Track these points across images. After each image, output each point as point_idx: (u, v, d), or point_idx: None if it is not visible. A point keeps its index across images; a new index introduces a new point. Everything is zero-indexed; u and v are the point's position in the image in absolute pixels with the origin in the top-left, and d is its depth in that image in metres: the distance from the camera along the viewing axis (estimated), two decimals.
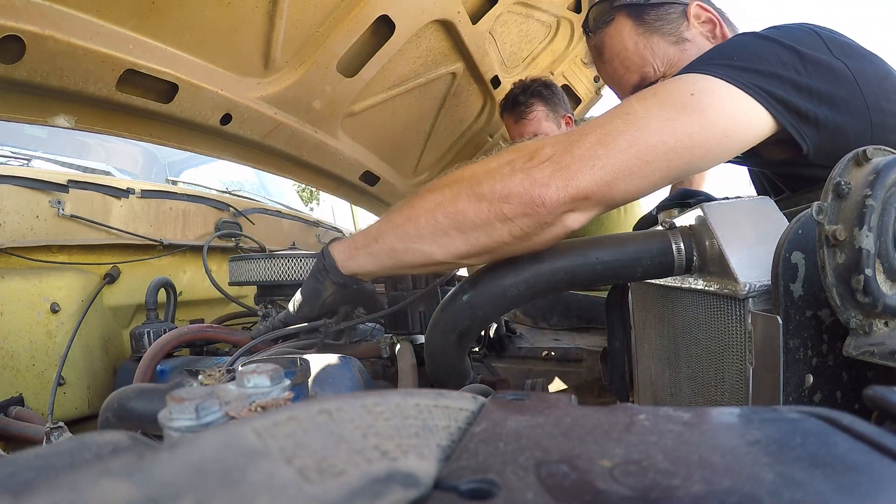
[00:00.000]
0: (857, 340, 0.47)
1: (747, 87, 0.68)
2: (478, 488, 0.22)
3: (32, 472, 0.25)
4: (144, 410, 0.65)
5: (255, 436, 0.23)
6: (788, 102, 0.70)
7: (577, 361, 1.42)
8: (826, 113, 0.72)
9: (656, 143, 0.63)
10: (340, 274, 0.81)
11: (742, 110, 0.68)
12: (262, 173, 2.51)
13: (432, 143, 2.11)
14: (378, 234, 0.76)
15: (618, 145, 0.63)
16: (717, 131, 0.66)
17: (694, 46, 0.99)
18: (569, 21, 1.98)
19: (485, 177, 0.66)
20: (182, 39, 1.18)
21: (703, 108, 0.65)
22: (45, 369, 1.15)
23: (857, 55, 0.76)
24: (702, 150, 0.65)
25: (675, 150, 0.63)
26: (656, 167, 0.64)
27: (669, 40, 0.99)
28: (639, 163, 0.63)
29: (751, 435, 0.26)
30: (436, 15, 1.51)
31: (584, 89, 2.41)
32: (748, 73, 0.69)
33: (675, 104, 0.66)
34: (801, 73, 0.71)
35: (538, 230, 0.65)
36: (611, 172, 0.62)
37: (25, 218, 1.24)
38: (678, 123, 0.64)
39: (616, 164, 0.62)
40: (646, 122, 0.64)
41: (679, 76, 0.71)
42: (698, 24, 1.00)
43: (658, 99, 0.67)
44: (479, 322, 0.77)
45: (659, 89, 0.69)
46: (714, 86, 0.67)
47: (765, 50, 0.73)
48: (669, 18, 0.99)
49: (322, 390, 0.72)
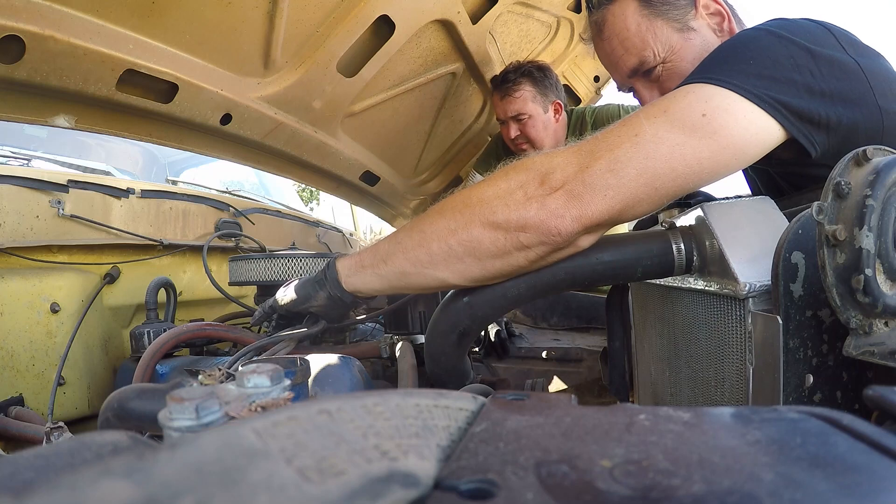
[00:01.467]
0: (857, 340, 0.47)
1: (762, 99, 0.66)
2: (478, 488, 0.22)
3: (32, 472, 0.25)
4: (144, 410, 0.65)
5: (255, 436, 0.23)
6: (801, 111, 0.68)
7: (577, 361, 1.42)
8: (839, 111, 0.70)
9: (666, 171, 0.64)
10: (340, 288, 0.82)
11: (754, 126, 0.67)
12: (262, 173, 2.51)
13: (432, 143, 2.11)
14: (387, 255, 0.77)
15: (628, 174, 0.64)
16: (727, 154, 0.66)
17: (699, 37, 0.95)
18: (569, 21, 1.98)
19: (498, 204, 0.68)
20: (182, 39, 1.18)
21: (714, 130, 0.65)
22: (45, 369, 1.15)
23: (867, 53, 0.75)
24: (710, 173, 0.66)
25: (683, 176, 0.65)
26: (664, 192, 0.66)
27: (674, 27, 0.95)
28: (648, 190, 0.65)
29: (751, 435, 0.26)
30: (436, 15, 1.51)
31: (585, 89, 2.41)
32: (763, 80, 0.67)
33: (684, 126, 0.65)
34: (815, 76, 0.69)
35: (553, 254, 0.69)
36: (622, 202, 0.65)
37: (25, 218, 1.24)
38: (688, 149, 0.64)
39: (627, 193, 0.65)
40: (655, 147, 0.64)
41: (691, 87, 0.68)
42: (707, 15, 0.97)
43: (668, 118, 0.66)
44: (479, 322, 0.77)
45: (669, 105, 0.67)
46: (728, 103, 0.66)
47: (779, 51, 0.70)
48: (678, 4, 0.95)
49: (322, 390, 0.72)
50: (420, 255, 0.72)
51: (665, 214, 0.79)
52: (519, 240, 0.67)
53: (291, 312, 0.91)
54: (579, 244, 0.69)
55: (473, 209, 0.69)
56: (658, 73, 0.97)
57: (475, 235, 0.68)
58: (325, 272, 0.85)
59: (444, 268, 0.71)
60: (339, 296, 0.83)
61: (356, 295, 0.83)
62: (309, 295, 0.87)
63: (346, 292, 0.82)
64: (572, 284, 0.73)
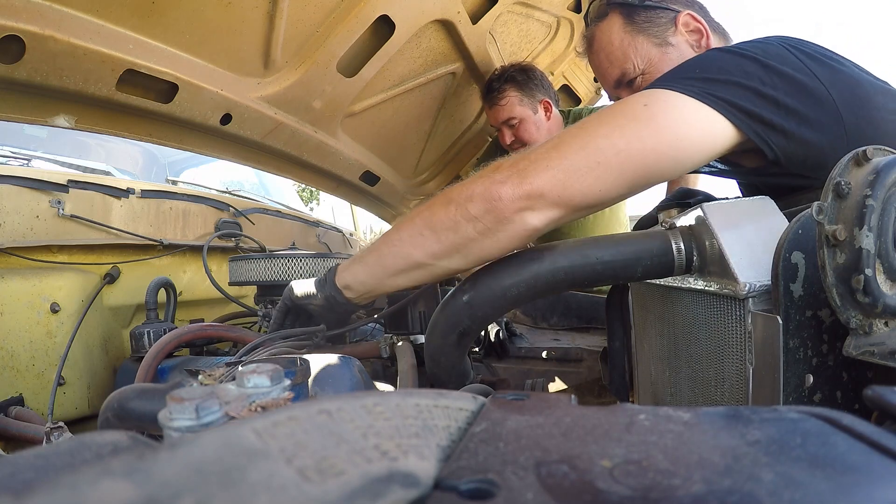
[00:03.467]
0: (857, 340, 0.47)
1: (703, 96, 0.70)
2: (478, 488, 0.22)
3: (32, 472, 0.25)
4: (144, 410, 0.65)
5: (255, 436, 0.23)
6: (750, 111, 0.70)
7: (577, 361, 1.42)
8: (794, 125, 0.72)
9: (606, 146, 0.68)
10: (334, 287, 0.87)
11: (697, 118, 0.70)
12: (262, 173, 2.51)
13: (432, 143, 2.11)
14: (371, 247, 0.86)
15: (570, 147, 0.69)
16: (667, 135, 0.69)
17: (676, 51, 1.04)
18: (569, 21, 1.98)
19: (457, 189, 0.75)
20: (182, 39, 1.18)
21: (652, 115, 0.69)
22: (45, 369, 1.15)
23: (827, 64, 0.76)
24: (654, 154, 0.68)
25: (625, 153, 0.68)
26: (608, 168, 0.68)
27: (654, 42, 1.05)
28: (589, 163, 0.68)
29: (751, 435, 0.26)
30: (436, 15, 1.51)
31: (585, 89, 2.41)
32: (706, 83, 0.71)
33: (626, 114, 0.70)
34: (766, 84, 0.71)
35: (499, 225, 0.71)
36: (563, 171, 0.68)
37: (25, 218, 1.24)
38: (627, 129, 0.69)
39: (567, 163, 0.69)
40: (596, 127, 0.70)
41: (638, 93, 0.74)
42: (686, 32, 1.05)
43: (612, 111, 0.72)
44: (479, 322, 0.77)
45: (616, 105, 0.74)
46: (668, 97, 0.71)
47: (727, 62, 0.74)
48: (658, 22, 1.05)
49: (322, 390, 0.72)
50: (392, 237, 0.81)
51: (665, 214, 0.79)
52: (467, 209, 0.72)
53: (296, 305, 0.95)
54: (526, 219, 0.70)
55: (438, 196, 0.77)
56: (639, 83, 1.07)
57: (433, 211, 0.76)
58: (326, 273, 0.89)
59: (409, 244, 0.78)
60: (334, 296, 0.87)
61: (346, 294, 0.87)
62: (311, 292, 0.91)
63: (339, 292, 0.86)
64: (572, 284, 0.73)
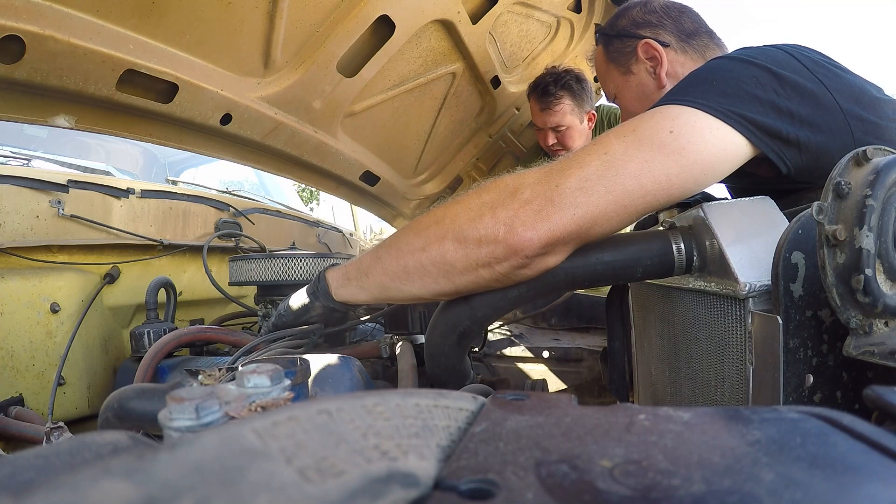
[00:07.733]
0: (857, 340, 0.48)
1: (727, 116, 0.68)
2: (478, 488, 0.22)
3: (32, 472, 0.25)
4: (144, 410, 0.65)
5: (255, 436, 0.23)
6: (769, 128, 0.69)
7: (577, 361, 1.42)
8: (807, 135, 0.71)
9: (634, 188, 0.65)
10: (332, 299, 0.85)
11: (722, 143, 0.68)
12: (262, 173, 2.51)
13: (432, 143, 2.11)
14: (368, 269, 0.79)
15: (596, 191, 0.64)
16: (695, 170, 0.66)
17: (636, 79, 1.12)
18: (569, 21, 1.98)
19: (467, 221, 0.68)
20: (182, 39, 1.18)
21: (681, 147, 0.66)
22: (45, 369, 1.15)
23: (832, 73, 0.76)
24: (679, 189, 0.67)
25: (652, 193, 0.66)
26: (633, 209, 0.66)
27: (619, 70, 1.15)
28: (616, 208, 0.65)
29: (751, 435, 0.26)
30: (436, 15, 1.51)
31: None
32: (727, 98, 0.69)
33: (652, 144, 0.66)
34: (780, 95, 0.71)
35: (517, 272, 0.68)
36: (589, 219, 0.65)
37: (25, 218, 1.24)
38: (656, 165, 0.65)
39: (594, 210, 0.65)
40: (623, 164, 0.65)
41: (659, 108, 0.71)
42: (645, 59, 1.10)
43: (636, 137, 0.67)
44: (480, 322, 0.77)
45: (639, 125, 0.69)
46: (693, 120, 0.68)
47: (741, 72, 0.73)
48: (624, 51, 1.12)
49: (322, 390, 0.72)
50: (396, 270, 0.74)
51: (665, 214, 0.79)
52: (485, 255, 0.67)
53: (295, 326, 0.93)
54: (547, 261, 0.68)
55: (444, 226, 0.70)
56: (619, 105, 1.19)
57: (445, 251, 0.69)
58: (316, 284, 0.87)
59: (418, 283, 0.73)
60: (333, 306, 0.86)
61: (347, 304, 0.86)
62: (307, 308, 0.89)
63: (338, 303, 0.85)
64: (572, 285, 0.73)
